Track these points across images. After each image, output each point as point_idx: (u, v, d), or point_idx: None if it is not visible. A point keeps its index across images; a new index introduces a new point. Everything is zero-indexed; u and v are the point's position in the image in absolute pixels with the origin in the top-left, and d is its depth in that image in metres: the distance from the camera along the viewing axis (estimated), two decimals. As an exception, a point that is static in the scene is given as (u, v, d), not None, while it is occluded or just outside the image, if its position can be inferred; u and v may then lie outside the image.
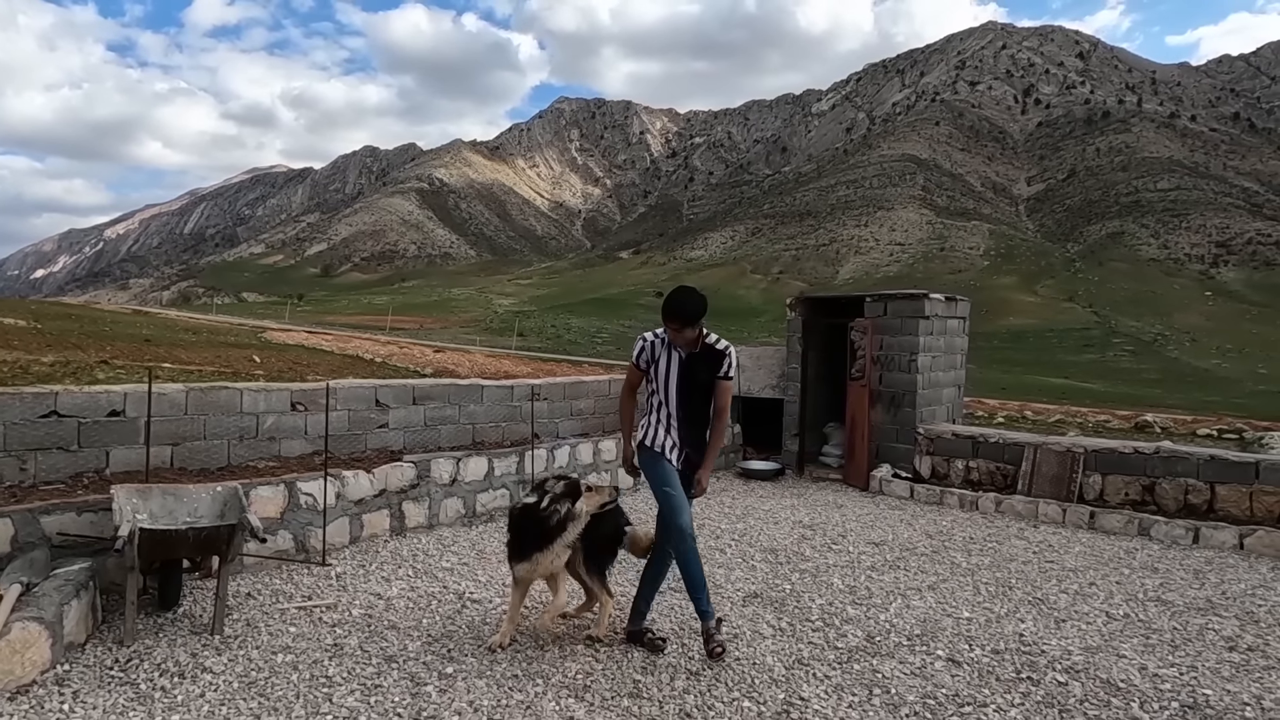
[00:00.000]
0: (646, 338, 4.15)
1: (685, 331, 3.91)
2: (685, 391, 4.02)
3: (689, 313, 3.88)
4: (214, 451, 6.36)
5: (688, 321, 3.89)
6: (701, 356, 4.02)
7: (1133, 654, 4.21)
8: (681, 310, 3.89)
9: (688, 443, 4.07)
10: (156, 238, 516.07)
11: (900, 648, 4.19)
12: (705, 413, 4.08)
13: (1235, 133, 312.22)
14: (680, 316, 3.89)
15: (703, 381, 4.02)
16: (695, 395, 4.04)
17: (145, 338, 38.58)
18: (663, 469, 4.04)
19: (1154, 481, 7.62)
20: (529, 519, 3.96)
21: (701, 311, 3.91)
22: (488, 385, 8.43)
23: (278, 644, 3.97)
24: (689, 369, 4.01)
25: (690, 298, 3.92)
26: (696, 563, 3.99)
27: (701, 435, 4.10)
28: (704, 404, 4.07)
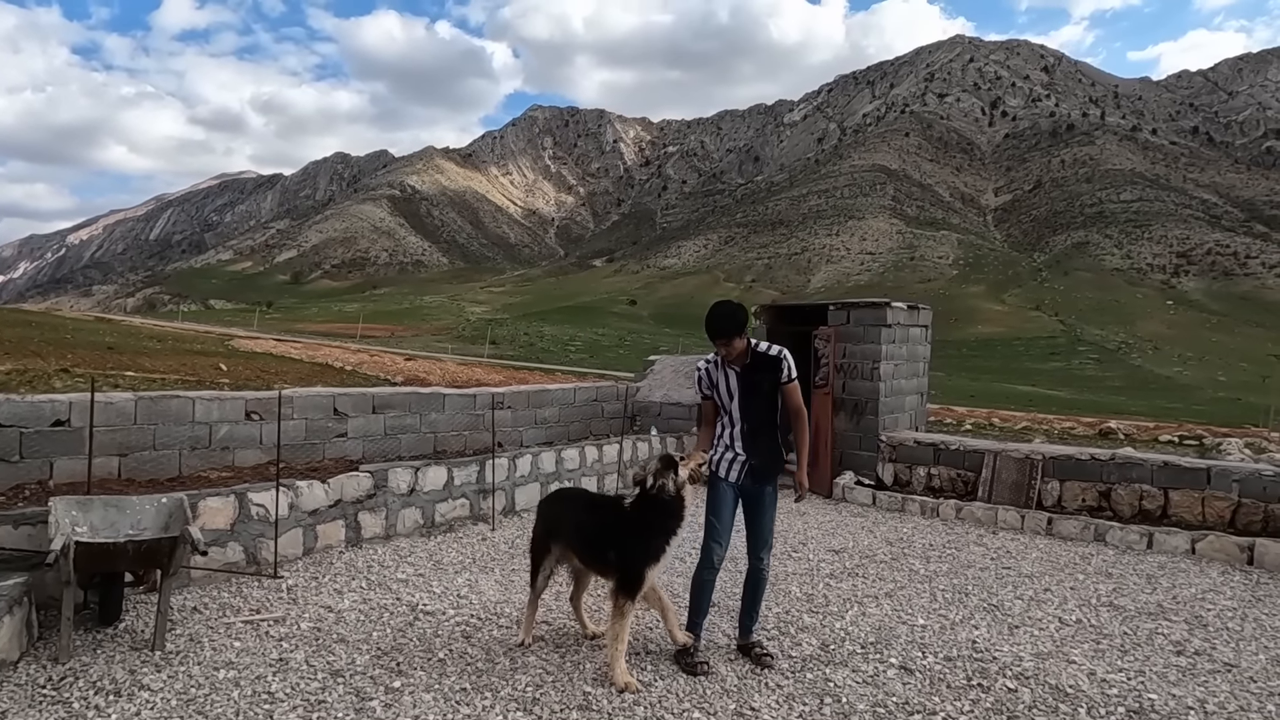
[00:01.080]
0: (700, 367, 4.22)
1: (734, 344, 3.95)
2: (747, 403, 4.04)
3: (727, 327, 3.93)
4: (164, 461, 6.22)
5: (729, 334, 3.93)
6: (756, 366, 4.04)
7: (1083, 659, 4.24)
8: (721, 326, 3.94)
9: (752, 454, 4.05)
10: (121, 244, 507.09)
11: (854, 656, 4.19)
12: (769, 421, 4.07)
13: (1195, 146, 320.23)
14: (721, 331, 3.94)
15: (766, 391, 4.04)
16: (757, 404, 4.05)
17: (108, 345, 37.85)
18: (715, 495, 4.10)
19: (1110, 487, 7.73)
20: (651, 508, 3.83)
21: (738, 322, 3.96)
22: (449, 394, 8.35)
23: (220, 659, 3.87)
24: (747, 380, 4.03)
25: (724, 313, 3.97)
26: (705, 594, 4.12)
27: (767, 444, 4.07)
28: (767, 412, 4.06)
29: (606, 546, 3.91)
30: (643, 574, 3.77)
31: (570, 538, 4.11)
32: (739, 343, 3.98)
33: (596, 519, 4.05)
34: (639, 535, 3.80)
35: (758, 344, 4.08)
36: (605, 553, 3.92)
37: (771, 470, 4.11)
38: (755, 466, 4.07)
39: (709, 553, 4.07)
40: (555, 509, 4.33)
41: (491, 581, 5.34)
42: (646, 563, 3.78)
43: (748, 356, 4.05)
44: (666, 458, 3.94)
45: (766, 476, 4.11)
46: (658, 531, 3.81)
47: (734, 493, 4.11)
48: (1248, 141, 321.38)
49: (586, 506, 4.23)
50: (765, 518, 4.14)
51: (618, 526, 3.88)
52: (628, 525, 3.85)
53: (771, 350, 4.06)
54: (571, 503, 4.34)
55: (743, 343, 4.00)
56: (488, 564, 5.78)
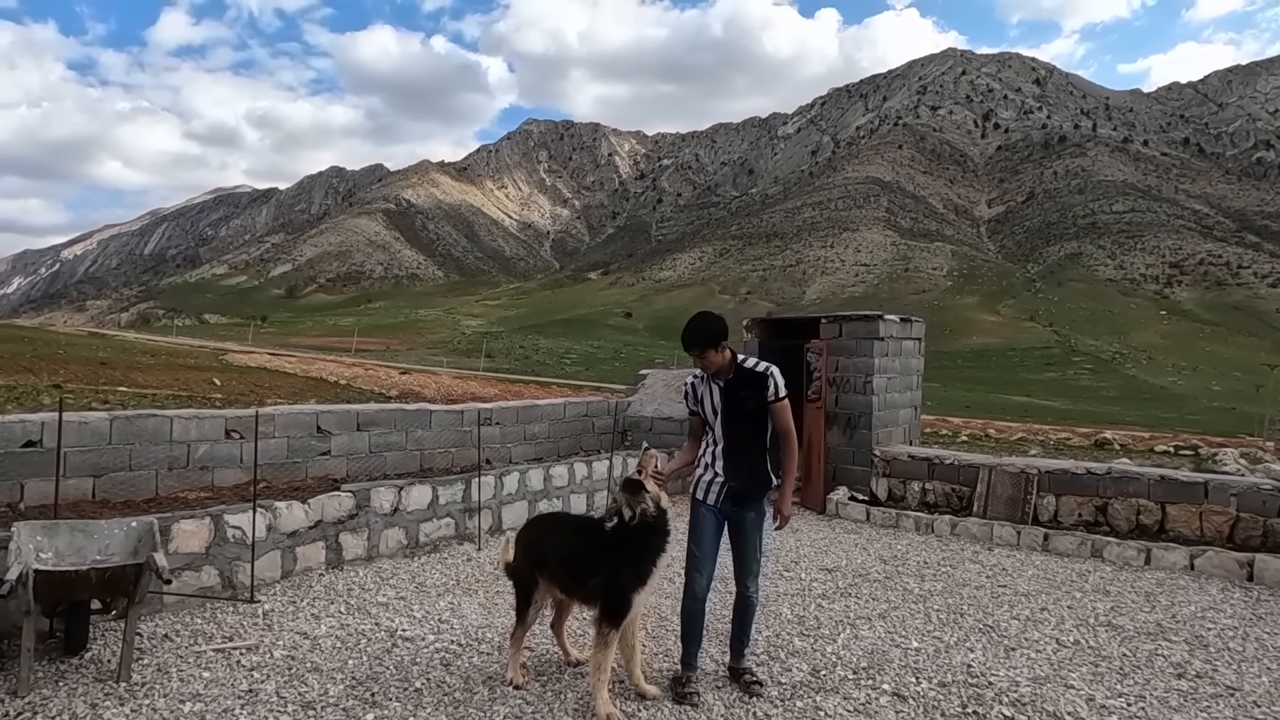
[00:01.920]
0: (688, 380, 4.07)
1: (708, 357, 3.82)
2: (729, 420, 3.87)
3: (700, 337, 3.81)
4: (141, 482, 6.08)
5: (702, 346, 3.81)
6: (740, 383, 3.87)
7: (1081, 684, 4.12)
8: (693, 337, 3.83)
9: (731, 475, 3.87)
10: (115, 258, 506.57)
11: (845, 682, 4.05)
12: (753, 442, 3.88)
13: (1186, 157, 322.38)
14: (695, 342, 3.82)
15: (750, 409, 3.85)
16: (739, 423, 3.87)
17: (101, 360, 37.61)
18: (695, 520, 3.94)
19: (1107, 502, 7.62)
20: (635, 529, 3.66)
21: (712, 334, 3.82)
22: (436, 410, 8.22)
23: (187, 691, 3.73)
24: (730, 396, 3.87)
25: (699, 322, 3.86)
26: (693, 624, 3.92)
27: (751, 466, 3.87)
28: (751, 433, 3.87)
29: (590, 573, 3.72)
30: (629, 599, 3.59)
31: (554, 567, 3.91)
32: (715, 356, 3.83)
33: (579, 545, 3.87)
34: (623, 559, 3.63)
35: (744, 359, 3.92)
36: (589, 580, 3.74)
37: (752, 494, 3.89)
38: (734, 489, 3.87)
39: (691, 583, 3.90)
40: (537, 536, 4.11)
41: (475, 605, 5.20)
42: (633, 587, 3.60)
43: (731, 371, 3.89)
44: (629, 483, 3.73)
45: (747, 500, 3.90)
46: (643, 554, 3.64)
47: (715, 517, 3.92)
48: (1238, 152, 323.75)
49: (568, 532, 4.04)
50: (749, 544, 3.93)
51: (601, 552, 3.70)
52: (611, 550, 3.67)
53: (758, 367, 3.89)
54: (553, 529, 4.14)
55: (720, 356, 3.84)
56: (472, 586, 5.64)
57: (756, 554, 3.95)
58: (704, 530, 3.90)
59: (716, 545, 3.93)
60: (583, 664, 4.11)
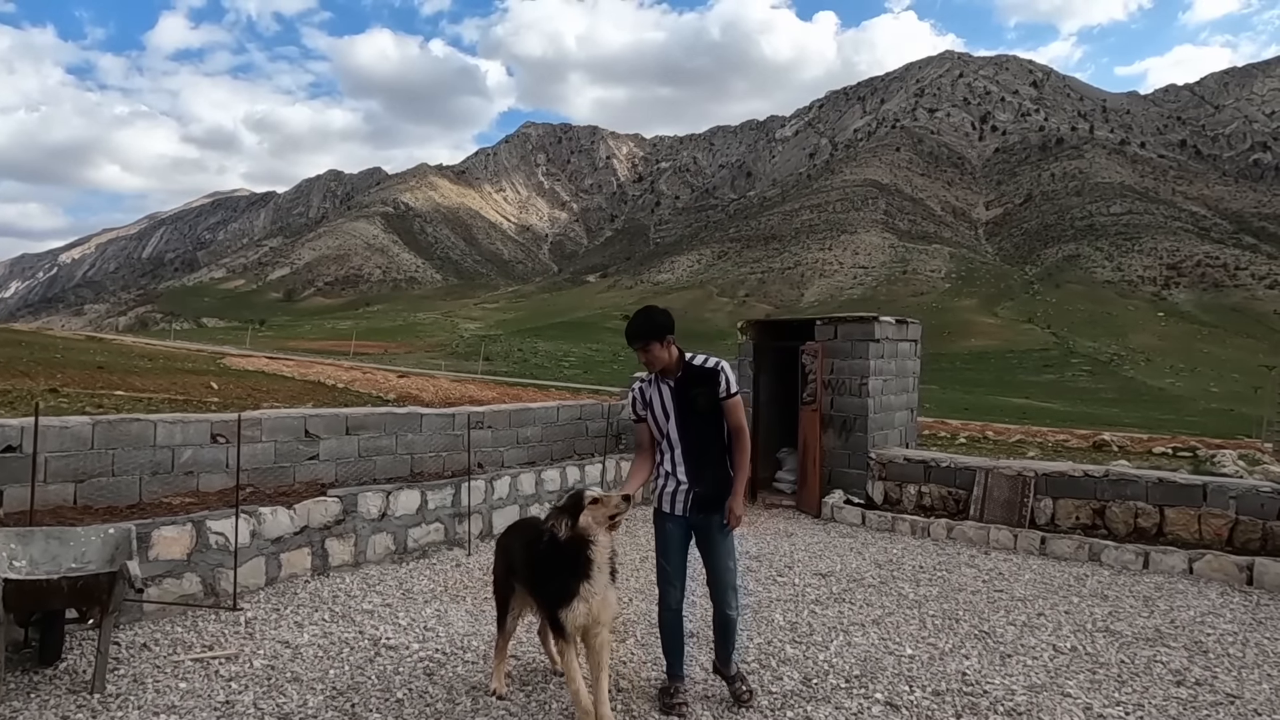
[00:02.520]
0: (635, 385, 3.86)
1: (652, 351, 3.59)
2: (683, 421, 3.66)
3: (641, 329, 3.59)
4: (124, 488, 5.98)
5: (644, 339, 3.58)
6: (690, 380, 3.66)
7: (1078, 692, 4.03)
8: (634, 329, 3.61)
9: (695, 480, 3.66)
10: (113, 262, 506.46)
11: (837, 691, 3.96)
12: (711, 442, 3.68)
13: (1183, 159, 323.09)
14: (637, 335, 3.60)
15: (702, 408, 3.63)
16: (694, 423, 3.66)
17: (98, 365, 37.53)
18: (661, 534, 3.76)
19: (1105, 505, 7.53)
20: (555, 550, 3.40)
21: (656, 326, 3.59)
22: (427, 414, 8.12)
23: (162, 703, 3.63)
24: (681, 395, 3.65)
25: (640, 314, 3.65)
26: (670, 634, 3.77)
27: (712, 468, 3.68)
28: (708, 432, 3.67)
29: (538, 584, 3.57)
30: (557, 617, 3.35)
31: (521, 574, 3.78)
32: (660, 351, 3.60)
33: (531, 554, 3.61)
34: (548, 576, 3.42)
35: (692, 356, 3.72)
36: (537, 590, 3.60)
37: (717, 499, 3.67)
38: (700, 495, 3.66)
39: (664, 595, 3.75)
40: (511, 542, 4.00)
41: (461, 612, 5.11)
42: (557, 605, 3.34)
43: (679, 369, 3.68)
44: (572, 499, 3.43)
45: (714, 505, 3.67)
46: (564, 575, 3.35)
47: (681, 528, 3.72)
48: (1235, 154, 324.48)
49: (530, 540, 3.77)
50: (719, 553, 3.71)
51: (535, 565, 3.54)
52: (540, 565, 3.48)
53: (708, 362, 3.69)
54: (522, 535, 3.95)
55: (666, 352, 3.62)
56: (460, 592, 5.54)
57: (729, 562, 3.75)
58: (670, 544, 3.72)
59: (685, 557, 3.76)
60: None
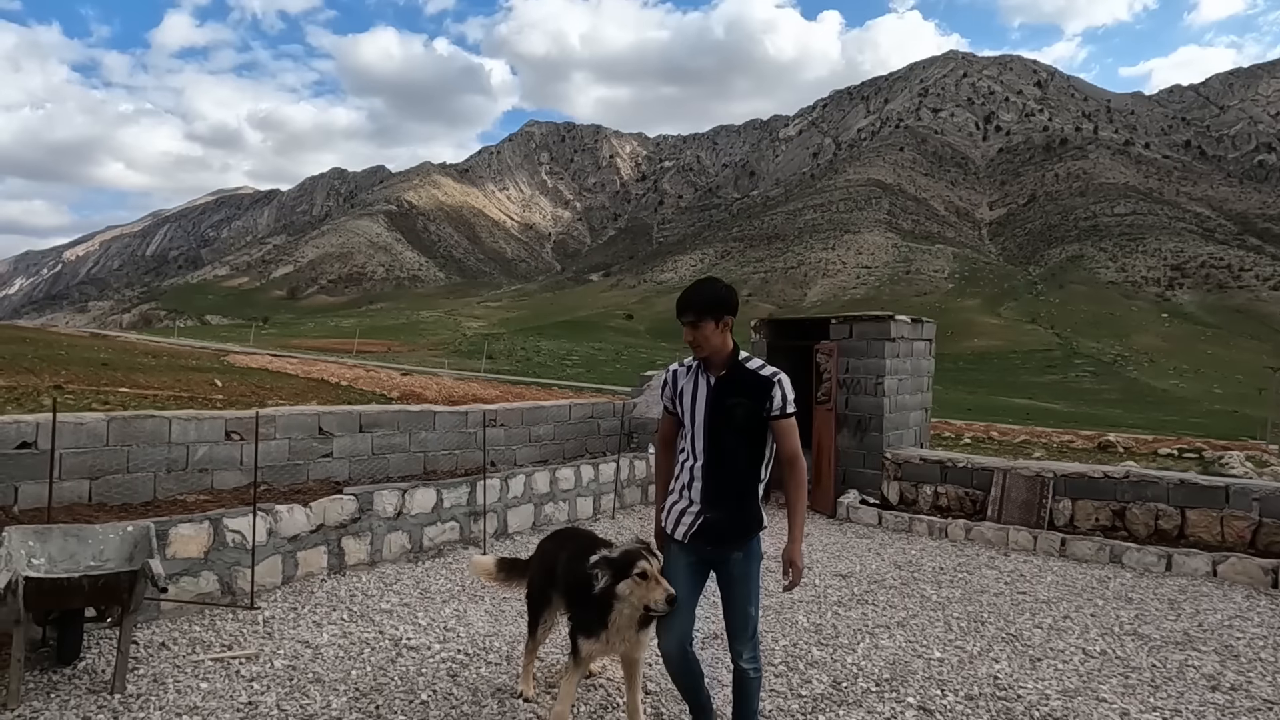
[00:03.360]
0: (670, 368, 3.20)
1: (703, 330, 2.96)
2: (712, 430, 2.98)
3: (695, 300, 2.98)
4: (139, 485, 5.93)
5: (697, 312, 2.97)
6: (735, 384, 2.99)
7: (1113, 697, 3.96)
8: (688, 298, 3.01)
9: (711, 503, 2.98)
10: (117, 259, 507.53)
11: (868, 695, 3.90)
12: (742, 463, 2.98)
13: (1187, 160, 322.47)
14: (689, 306, 2.99)
15: (739, 422, 2.95)
16: (725, 438, 2.97)
17: (102, 362, 37.60)
18: (667, 559, 3.10)
19: (1124, 506, 7.45)
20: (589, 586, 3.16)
21: (713, 301, 2.98)
22: (440, 411, 8.07)
23: (184, 704, 3.57)
24: (718, 399, 2.99)
25: (700, 283, 3.06)
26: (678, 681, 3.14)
27: (736, 499, 2.98)
28: (739, 454, 2.98)
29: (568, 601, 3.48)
30: (574, 641, 3.26)
31: (560, 587, 3.62)
32: (711, 333, 2.98)
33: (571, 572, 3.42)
34: (581, 604, 3.25)
35: (748, 358, 3.06)
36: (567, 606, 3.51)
37: (734, 533, 3.00)
38: (711, 523, 2.99)
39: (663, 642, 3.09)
40: (557, 554, 3.75)
41: (481, 612, 5.05)
42: (577, 631, 3.25)
43: (727, 366, 3.03)
44: (624, 557, 3.04)
45: (727, 541, 3.00)
46: (594, 611, 3.13)
47: (689, 558, 3.06)
48: (1239, 155, 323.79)
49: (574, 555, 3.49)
50: (737, 595, 3.03)
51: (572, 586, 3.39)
52: (577, 589, 3.29)
53: (764, 370, 3.00)
54: (568, 549, 3.68)
55: (720, 338, 2.99)
56: (477, 592, 5.48)
57: (749, 608, 3.03)
58: (675, 574, 3.02)
59: (694, 594, 3.10)
60: (597, 675, 3.96)
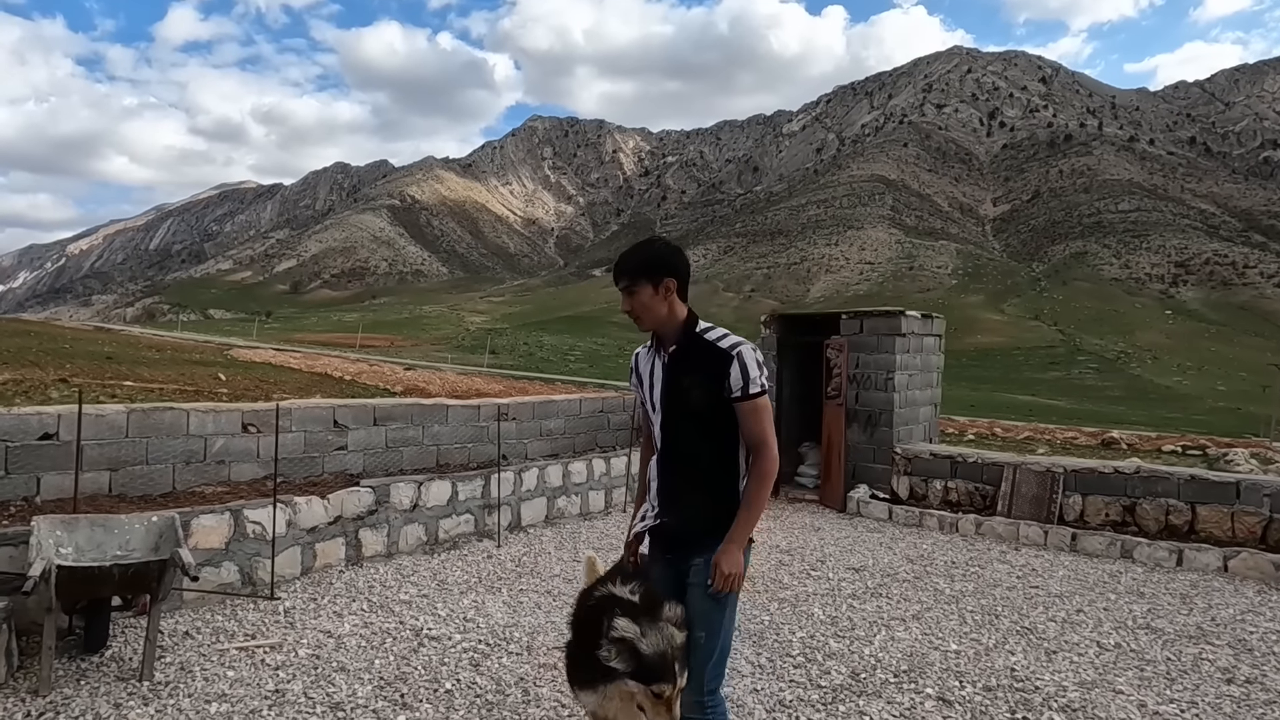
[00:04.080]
0: (637, 350, 2.66)
1: (638, 298, 2.40)
2: (667, 415, 2.45)
3: (625, 263, 2.44)
4: (157, 476, 5.97)
5: (630, 276, 2.41)
6: (690, 358, 2.40)
7: (1129, 689, 3.99)
8: (620, 262, 2.46)
9: (666, 506, 2.48)
10: (121, 254, 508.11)
11: (887, 685, 3.94)
12: (701, 455, 2.42)
13: (1192, 156, 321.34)
14: (621, 271, 2.45)
15: (695, 401, 2.37)
16: (683, 422, 2.43)
17: (107, 355, 37.66)
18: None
19: (1134, 502, 7.48)
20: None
21: (645, 262, 2.41)
22: (453, 405, 8.10)
23: (213, 691, 3.62)
24: (672, 376, 2.43)
25: (638, 244, 2.52)
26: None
27: (692, 493, 2.43)
28: (698, 440, 2.41)
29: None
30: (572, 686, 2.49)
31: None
32: (650, 299, 2.39)
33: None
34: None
35: (707, 327, 2.44)
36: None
37: (692, 538, 2.40)
38: (667, 529, 2.46)
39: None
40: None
41: (499, 603, 5.09)
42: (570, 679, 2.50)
43: (677, 338, 2.43)
44: (656, 661, 2.15)
45: (686, 549, 2.41)
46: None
47: (660, 572, 2.46)
48: (1244, 152, 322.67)
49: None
50: (696, 617, 2.31)
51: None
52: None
53: (723, 340, 2.39)
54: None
55: (660, 304, 2.40)
56: (494, 584, 5.53)
57: (710, 637, 2.35)
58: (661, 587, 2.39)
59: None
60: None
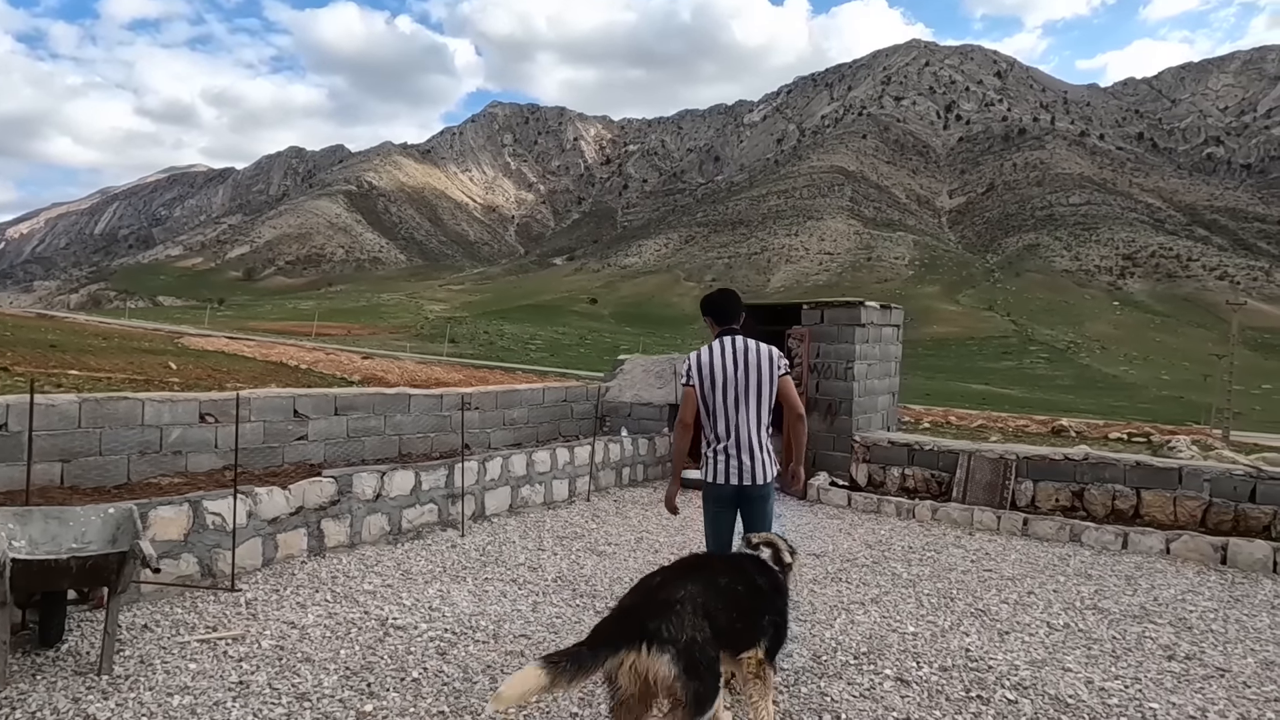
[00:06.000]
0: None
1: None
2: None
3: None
4: (111, 467, 5.85)
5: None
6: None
7: (1077, 667, 4.15)
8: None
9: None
10: (64, 238, 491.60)
11: (848, 667, 4.04)
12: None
13: (1140, 152, 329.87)
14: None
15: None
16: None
17: (50, 344, 36.43)
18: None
19: (1083, 488, 7.74)
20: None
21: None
22: (415, 394, 8.06)
23: (174, 684, 3.58)
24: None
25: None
26: None
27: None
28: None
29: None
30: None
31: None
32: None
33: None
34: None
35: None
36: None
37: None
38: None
39: None
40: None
41: (464, 592, 5.10)
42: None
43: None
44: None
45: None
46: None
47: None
48: (1189, 148, 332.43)
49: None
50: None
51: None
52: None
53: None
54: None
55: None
56: (459, 573, 5.53)
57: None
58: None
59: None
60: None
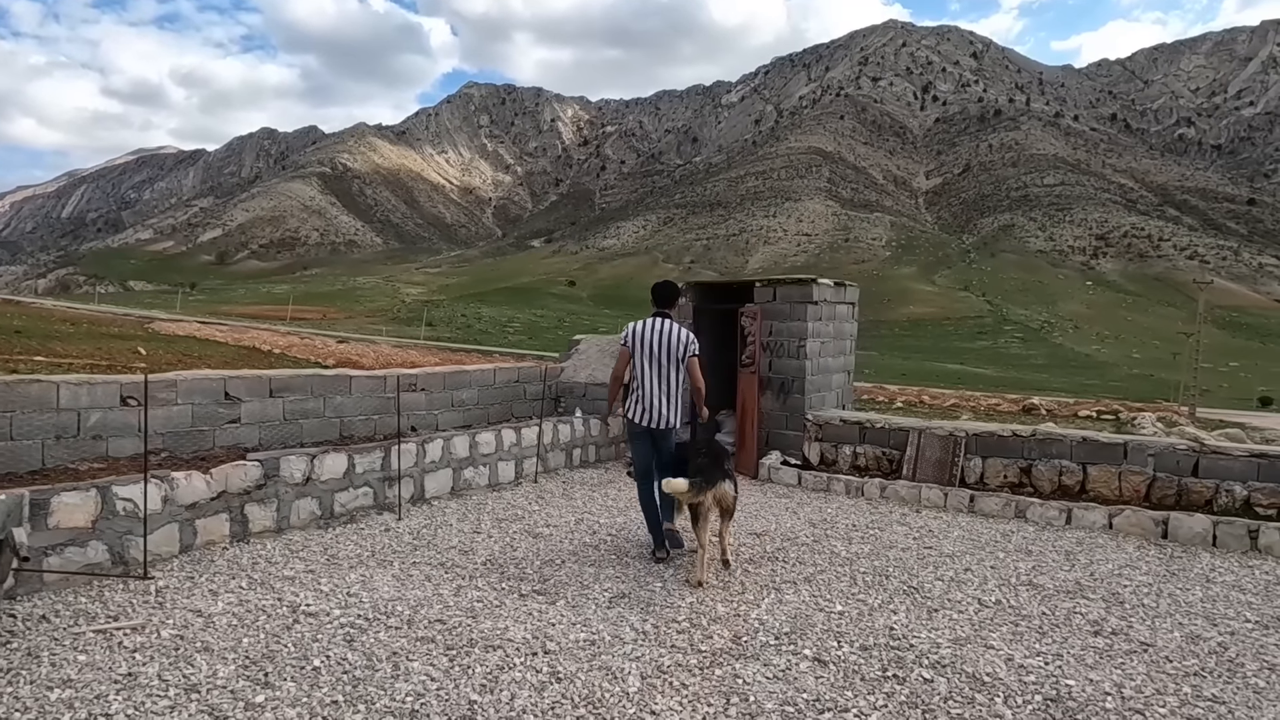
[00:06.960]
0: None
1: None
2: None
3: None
4: (24, 453, 5.64)
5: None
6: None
7: (1001, 644, 4.10)
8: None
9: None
10: (30, 222, 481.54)
11: (766, 648, 3.95)
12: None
13: (1113, 132, 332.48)
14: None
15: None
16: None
17: (16, 329, 35.62)
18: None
19: (1031, 464, 7.72)
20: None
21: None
22: (356, 375, 7.87)
23: (57, 677, 3.42)
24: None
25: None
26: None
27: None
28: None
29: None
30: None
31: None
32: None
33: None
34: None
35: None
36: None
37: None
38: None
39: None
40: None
41: (388, 576, 4.96)
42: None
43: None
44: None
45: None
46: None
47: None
48: (1161, 129, 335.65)
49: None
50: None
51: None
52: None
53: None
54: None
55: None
56: (387, 557, 5.39)
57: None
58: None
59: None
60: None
